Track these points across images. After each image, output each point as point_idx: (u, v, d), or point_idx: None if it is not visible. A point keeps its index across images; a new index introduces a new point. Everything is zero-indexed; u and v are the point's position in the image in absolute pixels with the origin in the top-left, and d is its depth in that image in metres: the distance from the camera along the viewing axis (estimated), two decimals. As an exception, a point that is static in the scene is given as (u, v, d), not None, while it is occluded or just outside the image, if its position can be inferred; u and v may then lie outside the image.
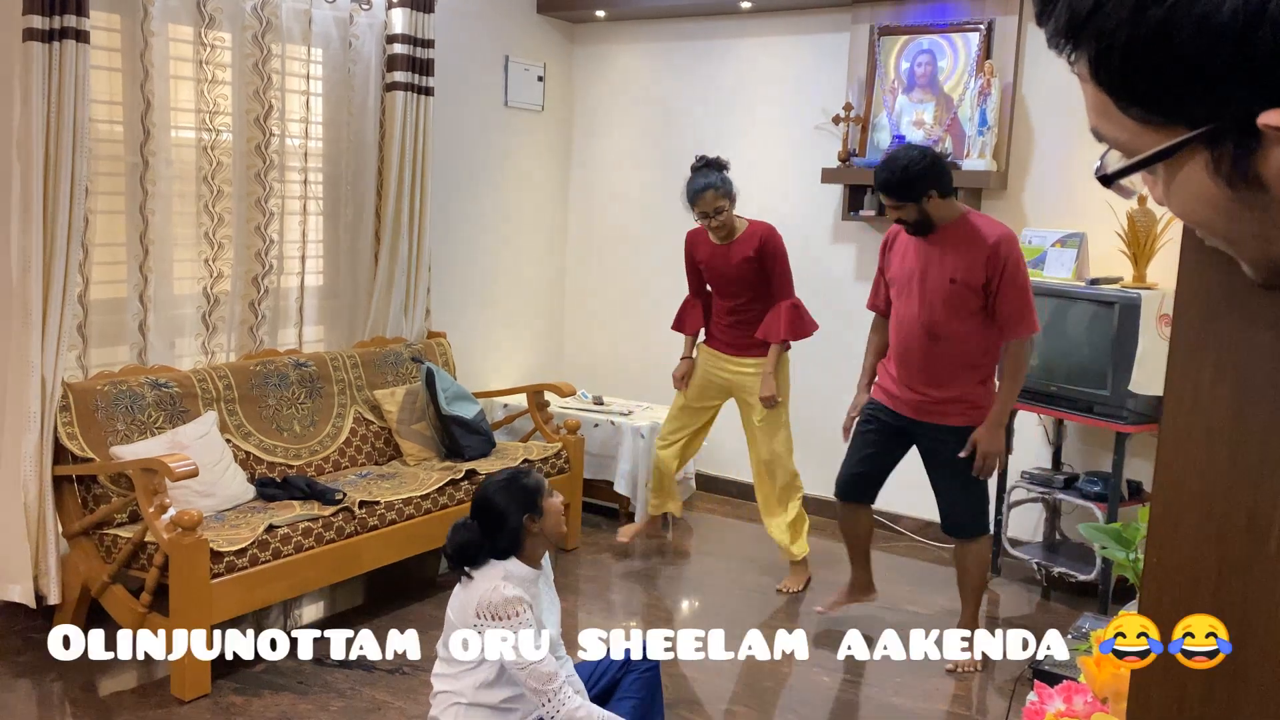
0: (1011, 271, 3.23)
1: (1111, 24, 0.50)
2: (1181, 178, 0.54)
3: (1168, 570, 0.71)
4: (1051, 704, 1.54)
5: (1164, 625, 0.71)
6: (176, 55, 3.75)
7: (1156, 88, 0.51)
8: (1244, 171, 0.52)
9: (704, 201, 3.99)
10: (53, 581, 3.33)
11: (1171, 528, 0.70)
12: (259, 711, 3.01)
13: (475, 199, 5.10)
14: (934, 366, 3.38)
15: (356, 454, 4.12)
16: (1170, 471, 0.70)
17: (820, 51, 4.85)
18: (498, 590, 2.34)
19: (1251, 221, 0.55)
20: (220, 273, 3.94)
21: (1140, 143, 0.54)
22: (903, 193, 3.26)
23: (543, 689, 2.32)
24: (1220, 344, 0.68)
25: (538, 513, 2.46)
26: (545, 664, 2.32)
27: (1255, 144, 0.50)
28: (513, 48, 5.20)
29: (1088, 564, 3.99)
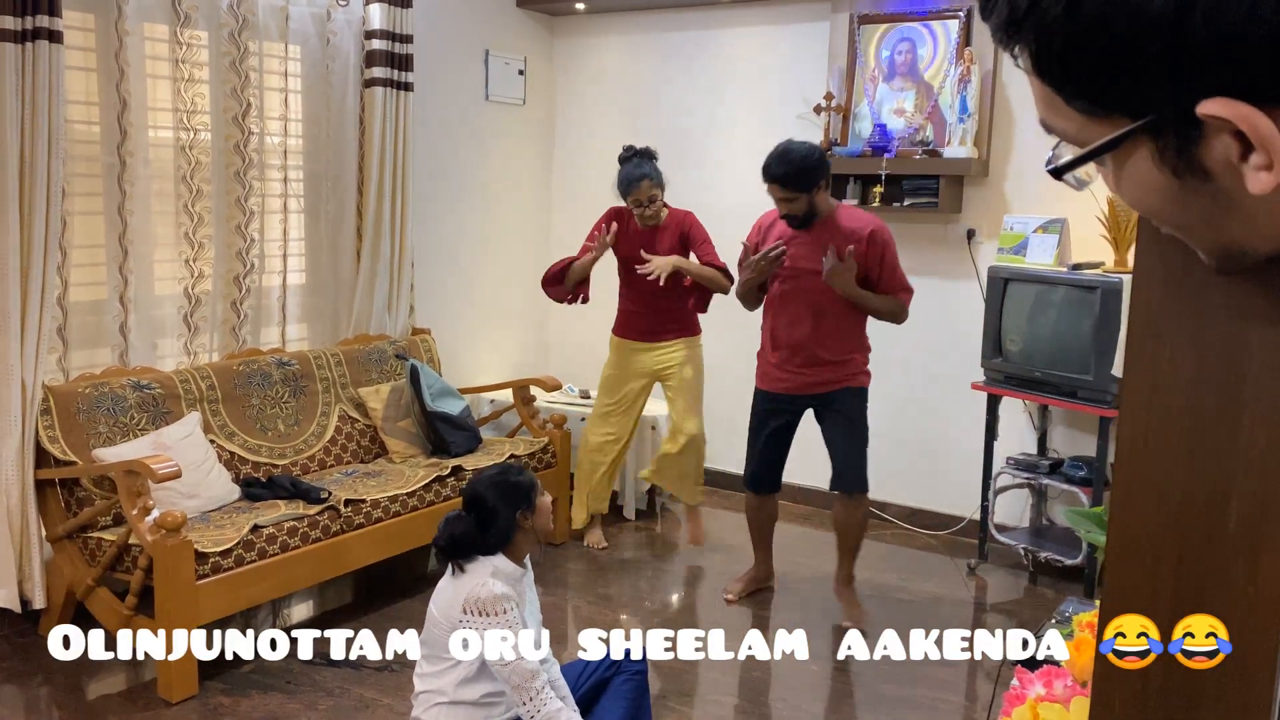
0: (891, 256, 3.56)
1: (1049, 18, 0.50)
2: (1129, 168, 0.55)
3: (1129, 553, 0.71)
4: (1032, 688, 1.55)
5: (1127, 607, 0.72)
6: (152, 54, 3.72)
7: (1096, 80, 0.51)
8: (1188, 160, 0.52)
9: (640, 190, 4.09)
10: (37, 586, 3.32)
11: (1132, 511, 0.71)
12: (247, 712, 3.01)
13: (457, 194, 5.08)
14: (822, 344, 3.62)
15: (342, 452, 4.11)
16: (1130, 455, 0.70)
17: (800, 41, 4.85)
18: (486, 587, 2.34)
19: (1199, 209, 0.55)
20: (201, 272, 3.92)
21: (1087, 134, 0.54)
22: (800, 183, 3.50)
23: (524, 687, 2.31)
24: (1177, 327, 0.68)
25: (530, 509, 2.46)
26: (528, 663, 2.32)
27: (1197, 133, 0.50)
28: (493, 41, 5.18)
29: (1074, 549, 4.01)
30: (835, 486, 3.77)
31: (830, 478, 3.79)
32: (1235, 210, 0.53)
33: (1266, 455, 0.65)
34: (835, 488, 3.77)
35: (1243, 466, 0.66)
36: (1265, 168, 0.49)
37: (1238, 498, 0.66)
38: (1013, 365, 4.04)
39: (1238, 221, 0.55)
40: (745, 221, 5.05)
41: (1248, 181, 0.50)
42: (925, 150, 4.40)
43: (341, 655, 3.36)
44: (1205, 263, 0.62)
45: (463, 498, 2.53)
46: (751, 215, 5.09)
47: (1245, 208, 0.52)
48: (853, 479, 3.72)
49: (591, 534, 4.51)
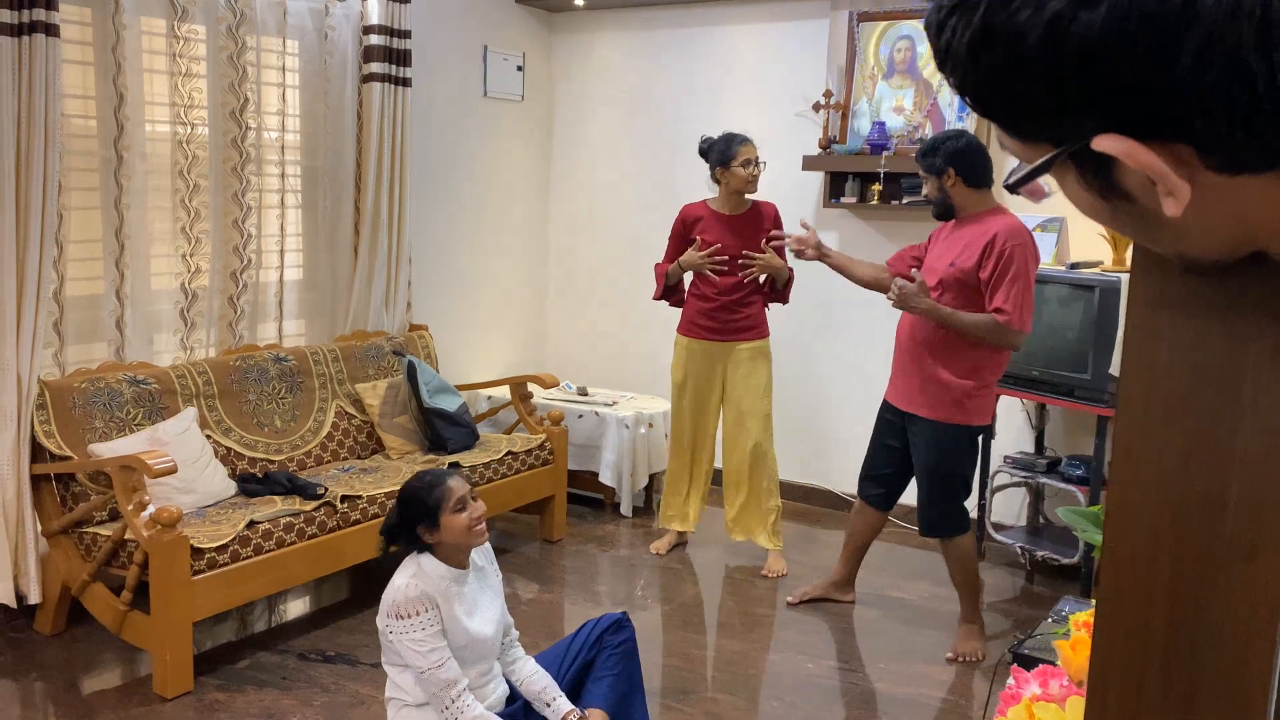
0: (1007, 264, 3.19)
1: (959, 62, 0.54)
2: (1066, 188, 0.59)
3: (1125, 554, 0.71)
4: (1028, 688, 1.55)
5: (1122, 609, 0.71)
6: (149, 49, 3.71)
7: (1009, 116, 0.55)
8: (1108, 184, 0.55)
9: (749, 149, 3.96)
10: (33, 581, 3.31)
11: (1128, 512, 0.70)
12: (242, 708, 3.00)
13: (455, 190, 5.07)
14: (918, 347, 3.39)
15: (338, 448, 4.11)
16: (1127, 456, 0.70)
17: (800, 38, 4.84)
18: (403, 589, 2.33)
19: (1134, 225, 0.58)
20: (198, 268, 3.91)
21: (1028, 155, 0.57)
22: (924, 161, 3.33)
23: (440, 695, 2.30)
24: (1173, 326, 0.67)
25: (433, 526, 2.37)
26: (444, 670, 2.29)
27: (1109, 160, 0.53)
28: (491, 37, 5.17)
29: (1071, 547, 4.01)
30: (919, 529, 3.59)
31: None
32: (1165, 227, 0.56)
33: (1265, 456, 0.64)
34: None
35: (1241, 467, 0.65)
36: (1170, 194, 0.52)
37: (1235, 499, 0.66)
38: (1011, 364, 4.02)
39: (1171, 236, 0.58)
40: (743, 219, 5.06)
41: (1163, 205, 0.53)
42: (924, 148, 4.39)
43: (336, 651, 3.36)
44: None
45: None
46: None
47: (1173, 225, 0.55)
48: (924, 523, 3.49)
49: (657, 542, 4.43)
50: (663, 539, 4.43)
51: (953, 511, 3.46)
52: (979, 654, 3.46)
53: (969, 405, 3.34)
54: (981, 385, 3.34)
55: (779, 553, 4.22)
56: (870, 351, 4.80)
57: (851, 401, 4.89)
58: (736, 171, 3.95)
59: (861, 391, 4.84)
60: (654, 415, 4.90)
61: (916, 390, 3.42)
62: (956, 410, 3.35)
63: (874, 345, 4.80)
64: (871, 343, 4.79)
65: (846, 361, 4.90)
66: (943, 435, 3.38)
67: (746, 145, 3.97)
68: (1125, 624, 0.70)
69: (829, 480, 5.02)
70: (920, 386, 3.40)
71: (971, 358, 3.32)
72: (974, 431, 3.41)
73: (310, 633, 3.53)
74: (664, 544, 4.40)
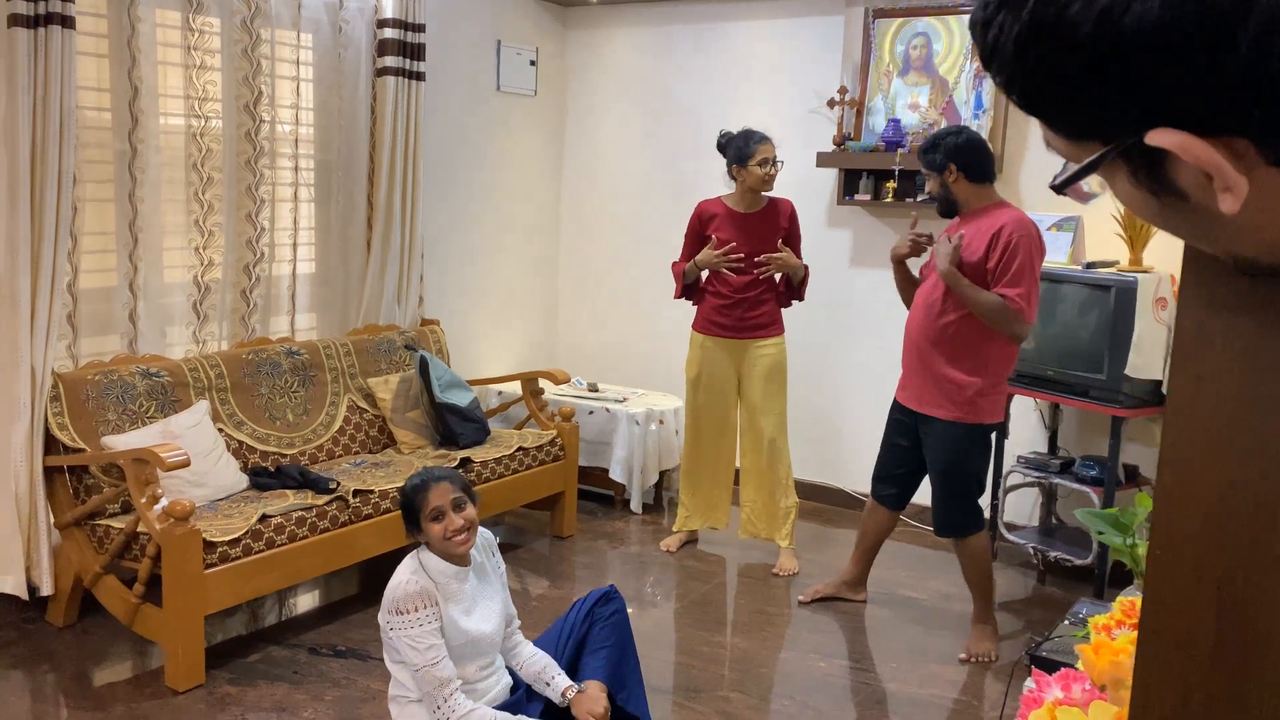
0: (1013, 256, 3.18)
1: (1006, 58, 0.53)
2: (1116, 187, 0.57)
3: (1172, 559, 0.69)
4: (1050, 692, 1.53)
5: (1169, 616, 0.70)
6: (164, 41, 3.71)
7: (1058, 113, 0.54)
8: (1161, 182, 0.53)
9: (767, 148, 3.93)
10: (45, 573, 3.32)
11: (1176, 515, 0.69)
12: (254, 702, 3.00)
13: (468, 185, 5.06)
14: (928, 346, 3.37)
15: (350, 442, 4.10)
16: (1175, 459, 0.68)
17: (815, 35, 4.82)
18: (403, 585, 2.34)
19: (1187, 224, 0.57)
20: (211, 260, 3.91)
21: (1076, 154, 0.56)
22: (924, 157, 3.33)
23: (432, 694, 2.31)
24: (1225, 329, 0.66)
25: (415, 529, 2.40)
26: (438, 669, 2.30)
27: (1162, 157, 0.52)
28: (505, 32, 5.15)
29: (1084, 548, 3.99)
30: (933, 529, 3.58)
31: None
32: (1220, 226, 0.54)
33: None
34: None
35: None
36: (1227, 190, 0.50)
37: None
38: (1025, 363, 4.00)
39: (1227, 235, 0.56)
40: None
41: (1219, 202, 0.51)
42: (939, 146, 4.36)
43: (347, 646, 3.36)
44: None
45: None
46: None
47: (1227, 224, 0.53)
48: (938, 522, 3.49)
49: (668, 539, 4.41)
50: (673, 536, 4.41)
51: (967, 510, 3.44)
52: (992, 655, 3.44)
53: (981, 404, 3.33)
54: (992, 383, 3.32)
55: (791, 551, 4.21)
56: (884, 350, 4.78)
57: (865, 400, 4.87)
58: (753, 170, 3.92)
59: (875, 390, 4.82)
60: (665, 412, 4.89)
61: (927, 390, 3.40)
62: (969, 409, 3.33)
63: (887, 344, 4.77)
64: (885, 342, 4.77)
65: (860, 360, 4.88)
66: (955, 434, 3.36)
67: (765, 144, 3.93)
68: (1172, 630, 0.69)
69: (841, 479, 5.01)
70: (930, 386, 3.38)
71: (980, 355, 3.30)
72: (986, 430, 3.39)
73: (321, 627, 3.53)
74: (674, 541, 4.39)
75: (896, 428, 3.60)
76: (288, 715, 2.93)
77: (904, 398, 3.52)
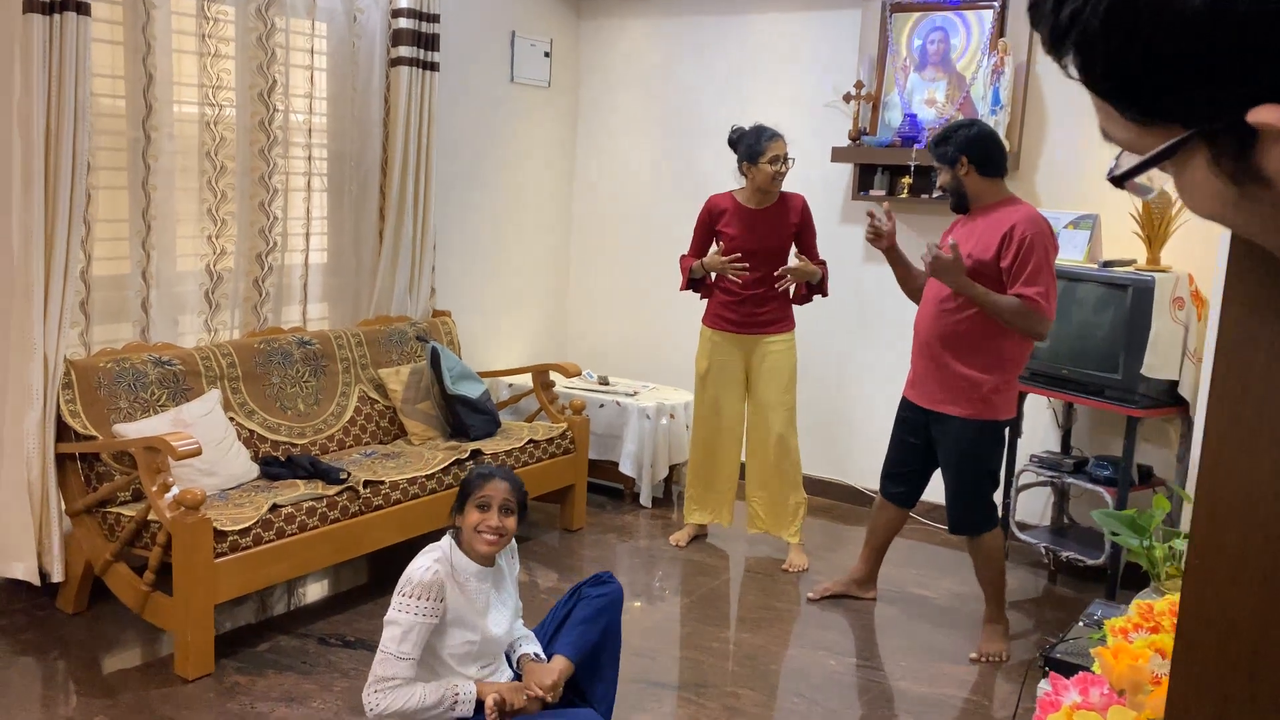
0: (1028, 254, 3.15)
1: (1089, 32, 0.50)
2: (1188, 175, 0.54)
3: (1212, 562, 0.67)
4: (1067, 695, 1.51)
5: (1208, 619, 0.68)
6: (179, 29, 3.70)
7: (1143, 91, 0.51)
8: (1245, 168, 0.50)
9: (778, 145, 3.90)
10: (56, 559, 3.32)
11: (1217, 519, 0.67)
12: (263, 691, 3.00)
13: (480, 176, 5.05)
14: (939, 344, 3.34)
15: (361, 433, 4.10)
16: (1217, 463, 0.67)
17: (831, 28, 4.79)
18: (421, 570, 2.36)
19: (1263, 217, 0.54)
20: (223, 249, 3.91)
21: (1144, 143, 0.53)
22: (935, 150, 3.30)
23: (380, 677, 2.33)
24: (1272, 332, 0.64)
25: (459, 511, 2.45)
26: (399, 667, 2.31)
27: (1253, 140, 0.49)
28: (519, 22, 5.14)
29: (1096, 549, 3.97)
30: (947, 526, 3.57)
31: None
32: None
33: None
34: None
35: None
36: None
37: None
38: (1040, 362, 3.98)
39: None
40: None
41: None
42: (956, 142, 4.33)
43: (356, 637, 3.36)
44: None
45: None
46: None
47: None
48: (952, 520, 3.46)
49: (677, 534, 4.40)
50: (682, 530, 4.41)
51: (981, 508, 3.41)
52: (1003, 655, 3.42)
53: (995, 400, 3.30)
54: (1005, 379, 3.30)
55: (800, 547, 4.19)
56: (896, 347, 4.76)
57: (877, 397, 4.85)
58: (763, 168, 3.90)
59: (887, 387, 4.80)
60: (675, 406, 4.88)
61: (939, 388, 3.37)
62: (982, 406, 3.30)
63: (900, 340, 4.75)
64: (898, 338, 4.75)
65: (873, 356, 4.86)
66: (969, 432, 3.34)
67: (776, 141, 3.91)
68: (1211, 634, 0.67)
69: (853, 476, 4.99)
70: (942, 384, 3.36)
71: (991, 351, 3.27)
72: (1000, 426, 3.36)
73: (330, 617, 3.53)
74: (683, 535, 4.38)
75: (906, 425, 3.58)
76: (296, 705, 2.93)
77: (914, 395, 3.50)
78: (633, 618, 3.66)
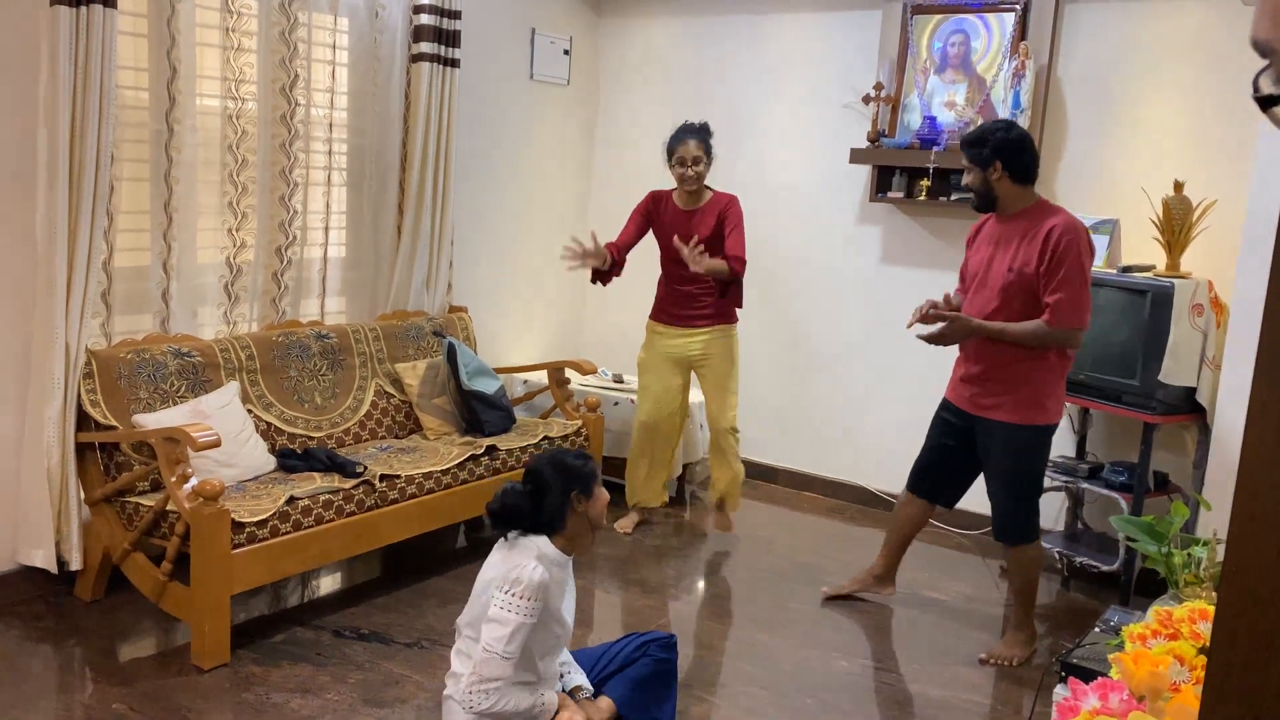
0: (1059, 261, 3.12)
1: None
2: None
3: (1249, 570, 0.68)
4: (1086, 700, 1.51)
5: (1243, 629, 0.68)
6: (203, 22, 3.72)
7: None
8: None
9: (685, 148, 4.04)
10: (74, 547, 3.34)
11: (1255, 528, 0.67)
12: (278, 682, 3.02)
13: (498, 173, 5.06)
14: (984, 356, 3.31)
15: (377, 427, 4.12)
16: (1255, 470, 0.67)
17: (851, 29, 4.78)
18: (529, 570, 2.36)
19: None
20: (243, 242, 3.93)
21: None
22: (969, 150, 3.27)
23: (486, 677, 2.33)
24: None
25: (586, 494, 2.47)
26: (507, 666, 2.33)
27: None
28: (539, 20, 5.14)
29: (1110, 555, 3.95)
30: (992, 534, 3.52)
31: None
32: None
33: None
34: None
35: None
36: None
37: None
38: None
39: None
40: (789, 207, 5.03)
41: None
42: (975, 145, 4.32)
43: (370, 630, 3.38)
44: None
45: (525, 471, 2.56)
46: (795, 201, 5.05)
47: None
48: (998, 528, 3.41)
49: (623, 520, 4.49)
50: (627, 518, 4.50)
51: (1029, 515, 3.37)
52: (1015, 659, 3.41)
53: (1045, 404, 3.26)
54: (1053, 383, 3.26)
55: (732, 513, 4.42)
56: (912, 349, 4.75)
57: (893, 398, 4.84)
58: (673, 168, 4.08)
59: (903, 388, 4.79)
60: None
61: (985, 394, 3.33)
62: (1033, 410, 3.26)
63: (916, 343, 4.74)
64: (913, 340, 4.74)
65: (889, 358, 4.85)
66: (1019, 438, 3.29)
67: (686, 143, 4.04)
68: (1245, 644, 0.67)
69: (863, 477, 4.98)
70: (989, 390, 3.32)
71: (1037, 356, 3.24)
72: (1048, 431, 3.31)
73: (344, 610, 3.55)
74: (629, 522, 4.49)
75: (944, 427, 3.52)
76: (311, 696, 2.94)
77: (958, 399, 3.44)
78: (644, 616, 3.67)
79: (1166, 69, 4.05)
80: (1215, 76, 3.93)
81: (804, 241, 4.99)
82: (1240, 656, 0.69)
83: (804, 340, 5.05)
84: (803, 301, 5.04)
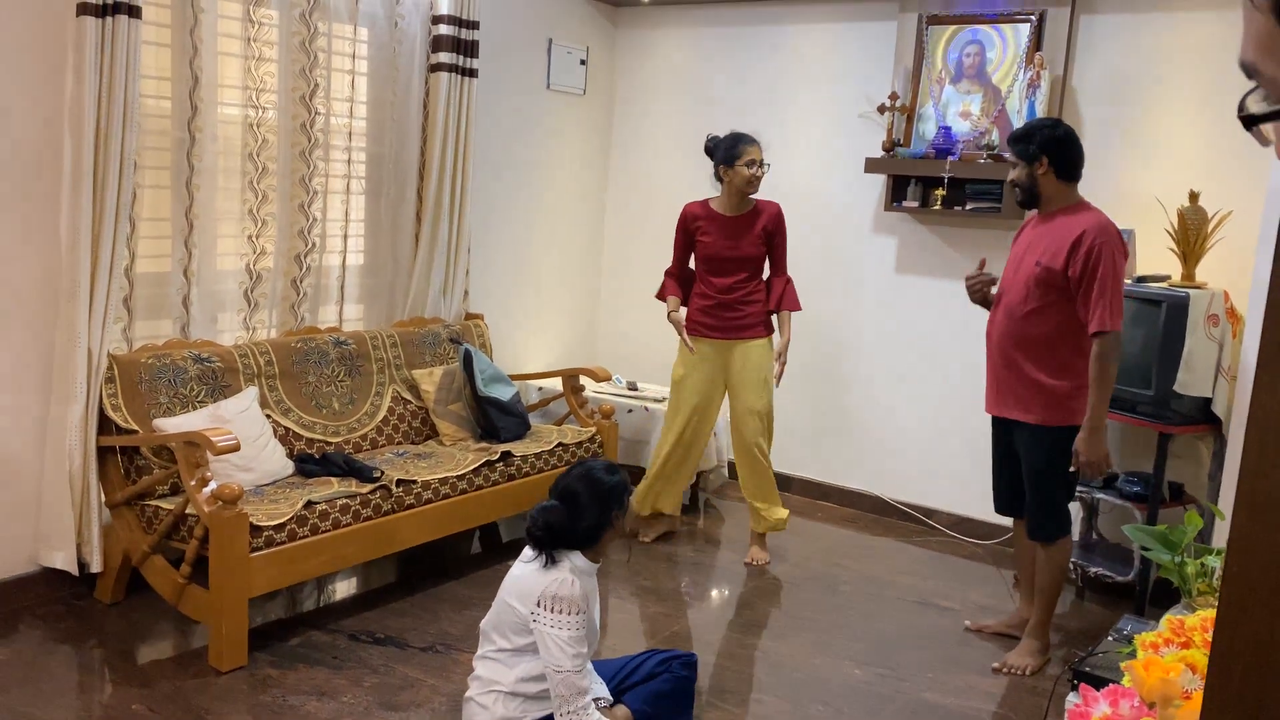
0: (1093, 263, 3.12)
1: None
2: None
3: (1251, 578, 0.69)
4: (1097, 707, 1.52)
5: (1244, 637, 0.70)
6: (225, 32, 3.77)
7: None
8: None
9: (755, 149, 4.04)
10: (95, 550, 3.39)
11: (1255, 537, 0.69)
12: (294, 685, 3.05)
13: (515, 182, 5.10)
14: (1012, 348, 3.32)
15: (393, 432, 4.15)
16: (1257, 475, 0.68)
17: (866, 40, 4.80)
18: (568, 585, 2.39)
19: None
20: (263, 249, 3.97)
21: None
22: (1017, 144, 3.28)
23: (569, 699, 2.34)
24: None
25: (622, 510, 2.53)
26: (582, 677, 2.34)
27: None
28: (556, 30, 5.18)
29: (1125, 565, 3.95)
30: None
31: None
32: None
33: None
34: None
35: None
36: None
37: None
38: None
39: None
40: (806, 218, 5.04)
41: None
42: (990, 154, 4.34)
43: (386, 634, 3.40)
44: None
45: (553, 490, 2.56)
46: (812, 211, 5.07)
47: None
48: (1030, 527, 3.40)
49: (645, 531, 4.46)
50: (650, 527, 4.48)
51: (1056, 514, 3.37)
52: (1029, 668, 3.41)
53: (1072, 405, 3.26)
54: (1080, 383, 3.25)
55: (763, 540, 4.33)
56: (927, 358, 4.76)
57: (907, 408, 4.85)
58: (740, 170, 4.03)
59: (917, 398, 4.80)
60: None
61: (1014, 396, 3.34)
62: (1060, 411, 3.26)
63: (931, 352, 4.75)
64: (929, 349, 4.75)
65: (903, 368, 4.85)
66: (1048, 439, 3.29)
67: (753, 146, 4.05)
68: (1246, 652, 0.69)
69: (879, 487, 4.98)
70: (1017, 391, 3.33)
71: (1066, 355, 3.25)
72: (1076, 431, 3.29)
73: (360, 614, 3.57)
74: (652, 532, 4.46)
75: (999, 446, 3.51)
76: (328, 699, 2.97)
77: (993, 407, 3.45)
78: (658, 624, 3.69)
79: (1181, 80, 4.06)
80: (1230, 87, 3.93)
81: (819, 250, 5.01)
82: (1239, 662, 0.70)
83: (819, 349, 5.06)
84: (818, 310, 5.05)
